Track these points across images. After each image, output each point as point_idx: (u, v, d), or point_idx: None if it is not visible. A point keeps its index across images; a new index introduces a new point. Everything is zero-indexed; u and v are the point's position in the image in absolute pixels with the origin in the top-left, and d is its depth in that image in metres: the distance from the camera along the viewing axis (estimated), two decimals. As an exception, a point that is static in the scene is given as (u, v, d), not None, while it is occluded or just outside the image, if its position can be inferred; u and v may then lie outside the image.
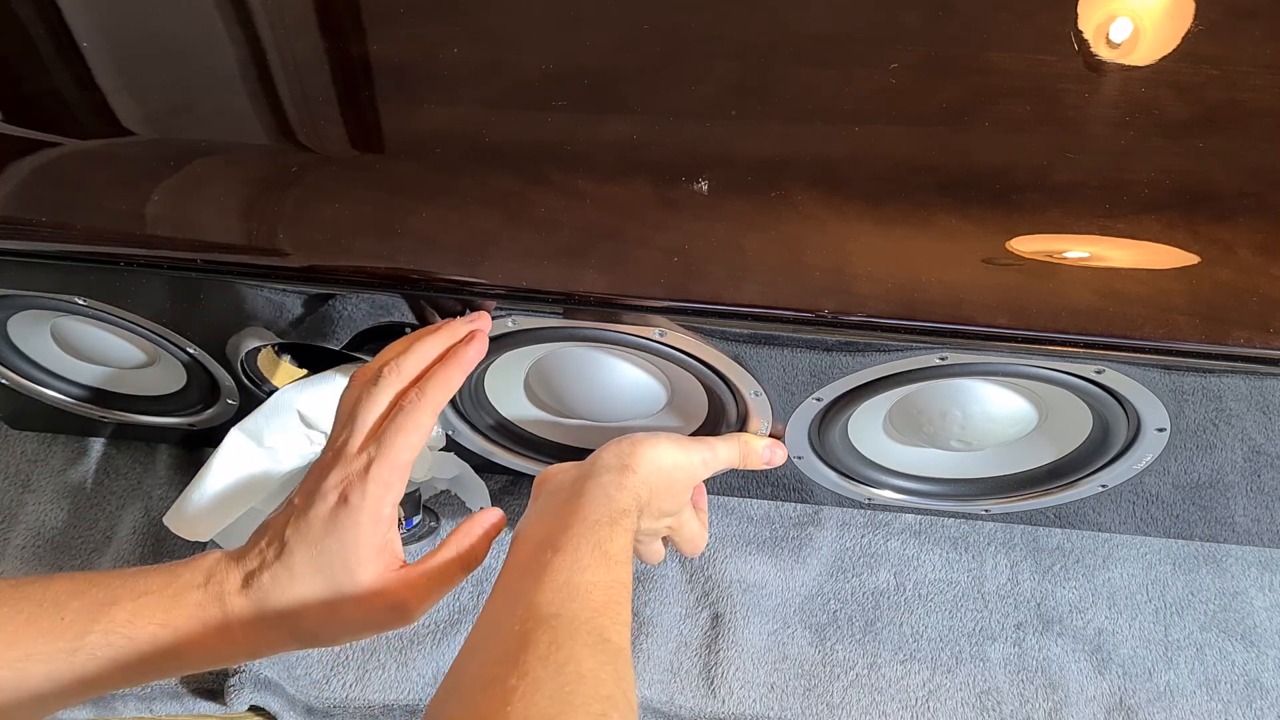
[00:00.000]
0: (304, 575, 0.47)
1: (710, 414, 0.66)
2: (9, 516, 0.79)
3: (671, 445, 0.58)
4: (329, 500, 0.48)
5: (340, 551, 0.47)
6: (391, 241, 0.56)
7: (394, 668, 0.71)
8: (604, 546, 0.48)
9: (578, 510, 0.50)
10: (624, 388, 0.64)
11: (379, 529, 0.48)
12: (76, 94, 0.66)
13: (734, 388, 0.61)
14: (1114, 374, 0.55)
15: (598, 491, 0.52)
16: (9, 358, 0.72)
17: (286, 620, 0.47)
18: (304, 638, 0.49)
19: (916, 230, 0.55)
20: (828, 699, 0.69)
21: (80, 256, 0.58)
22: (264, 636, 0.48)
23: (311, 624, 0.48)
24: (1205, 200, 0.55)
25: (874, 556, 0.76)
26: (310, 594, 0.47)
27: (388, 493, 0.48)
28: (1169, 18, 0.66)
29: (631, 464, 0.55)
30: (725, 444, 0.62)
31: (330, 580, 0.47)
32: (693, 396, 0.65)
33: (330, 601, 0.48)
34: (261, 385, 0.68)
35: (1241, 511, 0.70)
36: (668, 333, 0.56)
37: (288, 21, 0.69)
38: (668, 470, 0.57)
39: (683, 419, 0.67)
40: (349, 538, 0.47)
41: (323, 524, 0.48)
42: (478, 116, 0.62)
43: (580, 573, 0.46)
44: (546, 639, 0.42)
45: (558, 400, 0.66)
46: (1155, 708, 0.69)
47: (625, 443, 0.57)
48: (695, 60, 0.65)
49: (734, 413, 0.63)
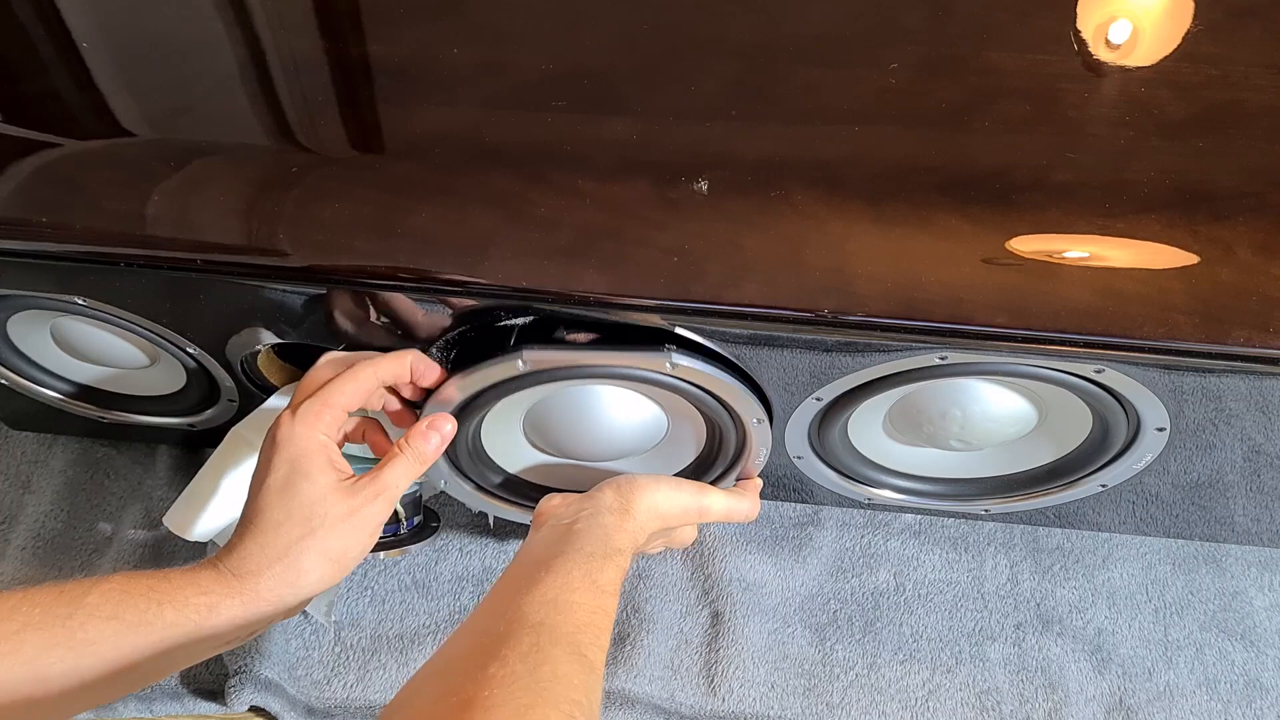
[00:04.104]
0: (275, 514, 0.49)
1: (709, 444, 0.65)
2: (9, 517, 0.79)
3: (669, 490, 0.60)
4: (268, 440, 0.52)
5: (291, 481, 0.50)
6: (391, 241, 0.56)
7: (394, 668, 0.71)
8: (594, 576, 0.50)
9: (575, 540, 0.53)
10: (623, 424, 0.63)
11: (315, 447, 0.51)
12: (76, 94, 0.66)
13: (736, 416, 0.60)
14: (1114, 374, 0.55)
15: (597, 530, 0.54)
16: (9, 358, 0.72)
17: (275, 565, 0.49)
18: (302, 570, 0.50)
19: (916, 230, 0.55)
20: (828, 699, 0.69)
21: (80, 256, 0.58)
22: (256, 586, 0.49)
23: (299, 552, 0.49)
24: (1205, 200, 0.55)
25: (874, 556, 0.76)
26: (279, 521, 0.50)
27: (317, 421, 0.51)
28: (1169, 18, 0.66)
29: (631, 508, 0.57)
30: (720, 496, 0.63)
31: (291, 511, 0.50)
32: (692, 428, 0.64)
33: (300, 532, 0.49)
34: (261, 385, 0.68)
35: (1241, 511, 0.70)
36: (677, 365, 0.56)
37: (288, 22, 0.69)
38: (662, 514, 0.59)
39: (681, 450, 0.66)
40: (298, 461, 0.50)
41: (265, 461, 0.51)
42: (477, 116, 0.62)
43: (569, 592, 0.48)
44: (529, 640, 0.44)
45: (556, 442, 0.65)
46: (1155, 708, 0.69)
47: (626, 484, 0.59)
48: (695, 60, 0.65)
49: (733, 442, 0.63)
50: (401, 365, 0.56)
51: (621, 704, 0.69)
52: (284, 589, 0.49)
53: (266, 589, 0.49)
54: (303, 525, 0.49)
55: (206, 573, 0.49)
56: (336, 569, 0.51)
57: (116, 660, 0.46)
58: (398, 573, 0.75)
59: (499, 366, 0.56)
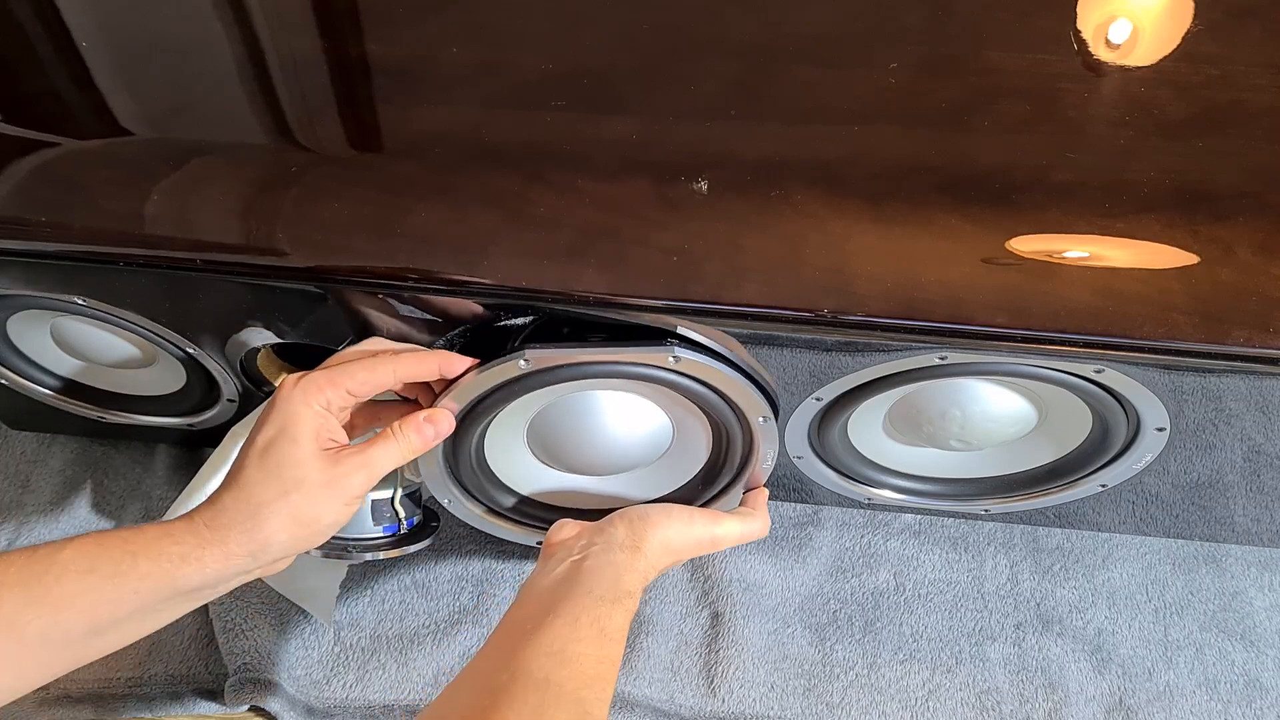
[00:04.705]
0: (253, 473, 0.49)
1: (715, 450, 0.64)
2: (9, 516, 0.79)
3: (681, 525, 0.59)
4: (268, 401, 0.52)
5: (276, 442, 0.50)
6: (391, 241, 0.56)
7: (394, 668, 0.71)
8: (602, 623, 0.50)
9: (584, 581, 0.53)
10: (628, 434, 0.62)
11: (308, 415, 0.50)
12: (76, 94, 0.66)
13: (741, 414, 0.59)
14: (1114, 374, 0.55)
15: (607, 569, 0.54)
16: (9, 358, 0.72)
17: (246, 522, 0.49)
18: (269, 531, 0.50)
19: (916, 230, 0.55)
20: (827, 699, 0.69)
21: (80, 256, 0.58)
22: (226, 540, 0.49)
23: (270, 513, 0.49)
24: (1205, 200, 0.55)
25: (874, 556, 0.76)
26: (257, 480, 0.50)
27: (318, 393, 0.51)
28: (1169, 18, 0.66)
29: (643, 545, 0.57)
30: (732, 523, 0.62)
31: (269, 471, 0.49)
32: (697, 435, 0.63)
33: (275, 492, 0.49)
34: (261, 385, 0.68)
35: (1241, 511, 0.70)
36: (681, 359, 0.55)
37: (287, 22, 0.69)
38: (675, 550, 0.59)
39: (688, 460, 0.65)
40: (287, 424, 0.50)
41: (260, 421, 0.51)
42: (477, 116, 0.62)
43: (576, 643, 0.48)
44: (534, 700, 0.44)
45: (561, 454, 0.63)
46: (1155, 708, 0.69)
47: (638, 519, 0.58)
48: (695, 60, 0.65)
49: (740, 444, 0.62)
50: (425, 367, 0.55)
51: (621, 707, 0.69)
52: (253, 545, 0.49)
53: (236, 544, 0.49)
54: (278, 486, 0.49)
55: (181, 525, 0.49)
56: (306, 534, 0.50)
57: (94, 614, 0.47)
58: (398, 573, 0.75)
59: (501, 367, 0.55)
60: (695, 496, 0.65)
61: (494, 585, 0.75)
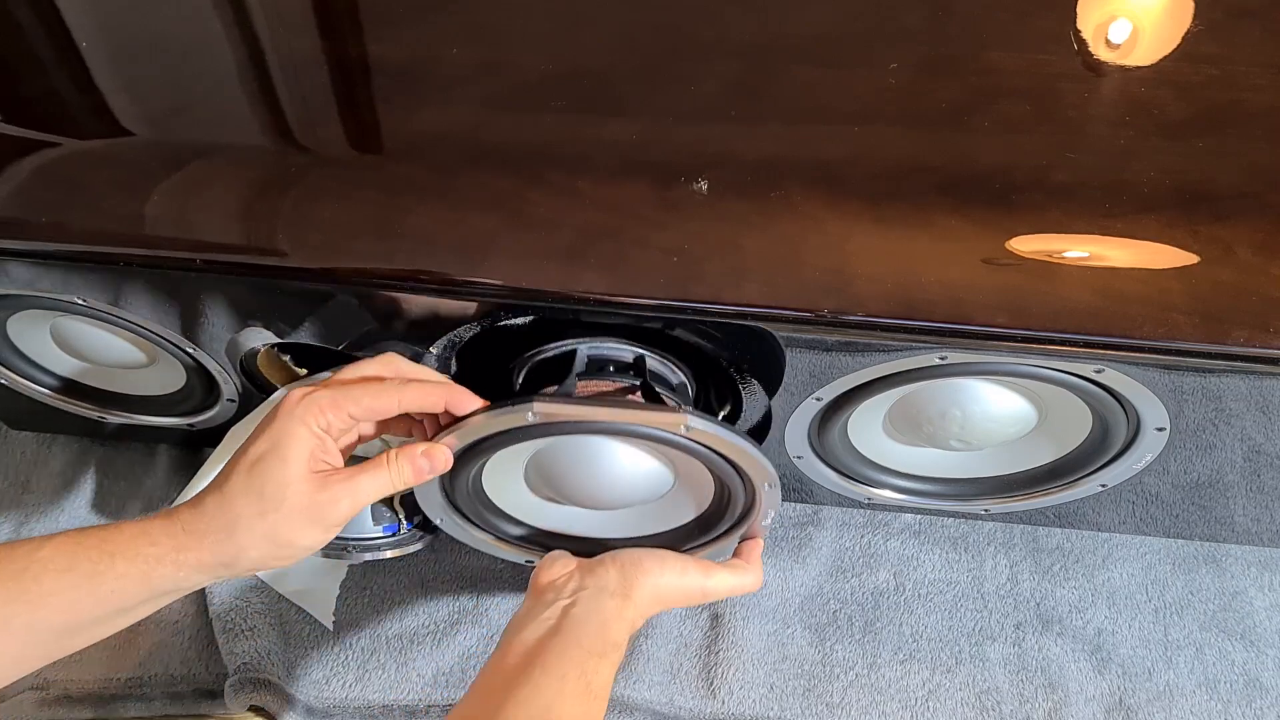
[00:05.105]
0: (238, 483, 0.49)
1: (716, 500, 0.62)
2: (9, 516, 0.79)
3: (674, 574, 0.59)
4: (271, 409, 0.51)
5: (265, 457, 0.49)
6: (391, 242, 0.56)
7: (394, 668, 0.71)
8: (589, 678, 0.50)
9: (572, 629, 0.52)
10: (629, 476, 0.60)
11: (303, 435, 0.49)
12: (76, 94, 0.66)
13: (748, 479, 0.58)
14: (1114, 374, 0.55)
15: (595, 617, 0.54)
16: (9, 358, 0.72)
17: (220, 534, 0.48)
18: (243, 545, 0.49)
19: (916, 230, 0.55)
20: (827, 699, 0.69)
21: (80, 256, 0.58)
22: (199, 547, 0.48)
23: (246, 527, 0.48)
24: (1205, 200, 0.55)
25: (874, 556, 0.76)
26: (240, 492, 0.49)
27: (320, 415, 0.50)
28: (1169, 18, 0.66)
29: (632, 592, 0.56)
30: (724, 575, 0.61)
31: (252, 486, 0.49)
32: (700, 483, 0.61)
33: (254, 510, 0.49)
34: (261, 385, 0.68)
35: (1241, 511, 0.70)
36: (693, 429, 0.53)
37: (287, 22, 0.69)
38: (664, 598, 0.59)
39: (687, 504, 0.63)
40: (280, 441, 0.49)
41: (257, 430, 0.50)
42: (477, 117, 0.62)
43: (562, 701, 0.48)
44: None
45: (558, 487, 0.61)
46: (1155, 707, 0.69)
47: (630, 565, 0.58)
48: (695, 60, 0.65)
49: (742, 503, 0.60)
50: (431, 400, 0.53)
51: (620, 711, 0.69)
52: (225, 556, 0.49)
53: (209, 552, 0.48)
54: (259, 503, 0.48)
55: (160, 523, 0.49)
56: (279, 554, 0.50)
57: (71, 612, 0.47)
58: (397, 573, 0.75)
59: (509, 415, 0.53)
60: (690, 539, 0.63)
61: (493, 585, 0.75)
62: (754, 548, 0.63)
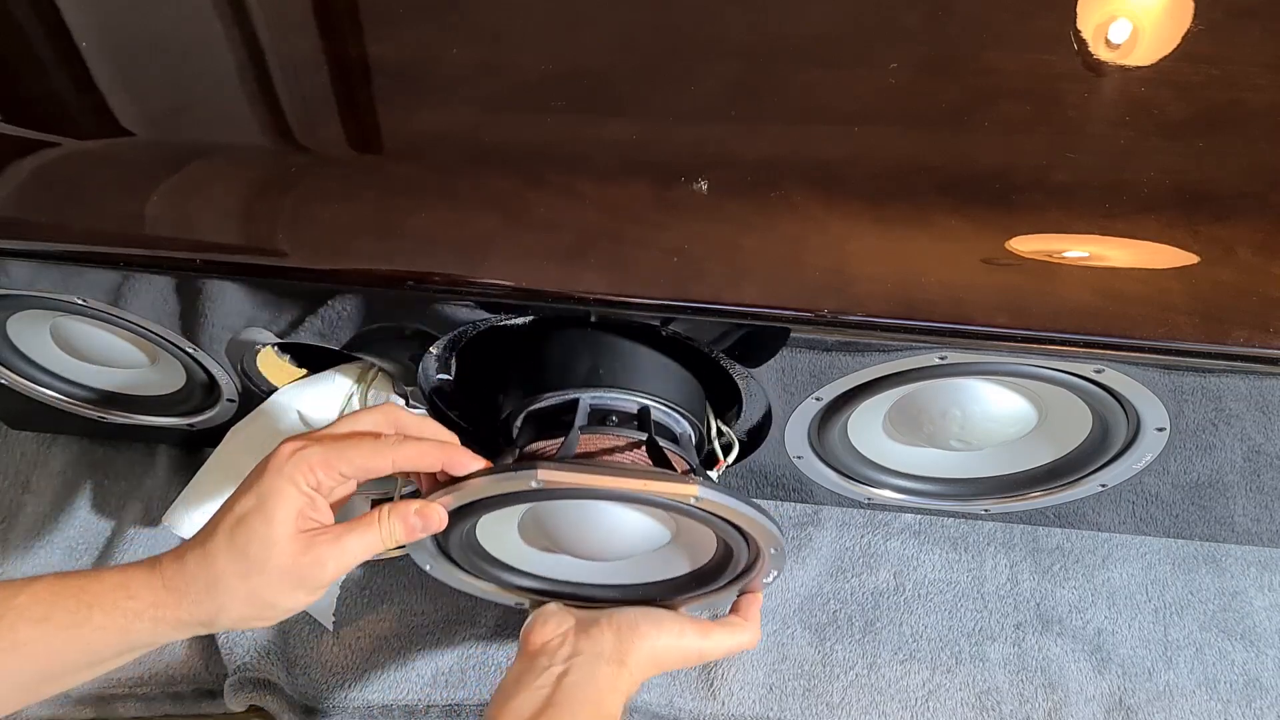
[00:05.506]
0: (221, 541, 0.48)
1: (718, 556, 0.60)
2: (9, 517, 0.79)
3: (671, 637, 0.58)
4: (261, 462, 0.50)
5: (250, 516, 0.48)
6: (391, 242, 0.56)
7: (394, 668, 0.71)
8: None
9: (567, 704, 0.52)
10: (627, 530, 0.58)
11: (291, 494, 0.48)
12: (76, 94, 0.66)
13: (753, 543, 0.57)
14: (1114, 374, 0.55)
15: (590, 687, 0.53)
16: (9, 358, 0.72)
17: (199, 592, 0.48)
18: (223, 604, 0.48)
19: (916, 230, 0.55)
20: (827, 699, 0.69)
21: (80, 256, 0.58)
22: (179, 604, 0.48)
23: (226, 588, 0.48)
24: (1205, 200, 0.55)
25: (874, 556, 0.76)
26: (223, 551, 0.48)
27: (310, 473, 0.49)
28: (1168, 18, 0.66)
29: (627, 659, 0.56)
30: (722, 635, 0.60)
31: (236, 544, 0.48)
32: (701, 539, 0.60)
33: (236, 570, 0.48)
34: (261, 385, 0.68)
35: (1241, 511, 0.70)
36: (702, 499, 0.52)
37: (287, 22, 0.69)
38: (661, 662, 0.58)
39: (686, 557, 0.62)
40: (267, 499, 0.48)
41: (246, 483, 0.49)
42: (477, 117, 0.62)
43: None
44: None
45: (553, 538, 0.60)
46: (1155, 707, 0.69)
47: (627, 629, 0.57)
48: (695, 60, 0.65)
49: (743, 561, 0.59)
50: (427, 460, 0.52)
51: (620, 711, 0.69)
52: (204, 615, 0.48)
53: (188, 610, 0.47)
54: (242, 564, 0.47)
55: (141, 575, 0.48)
56: (260, 615, 0.49)
57: (46, 661, 0.46)
58: (397, 573, 0.75)
59: (510, 480, 0.52)
60: (686, 590, 0.62)
61: (494, 585, 0.75)
62: (752, 603, 0.63)
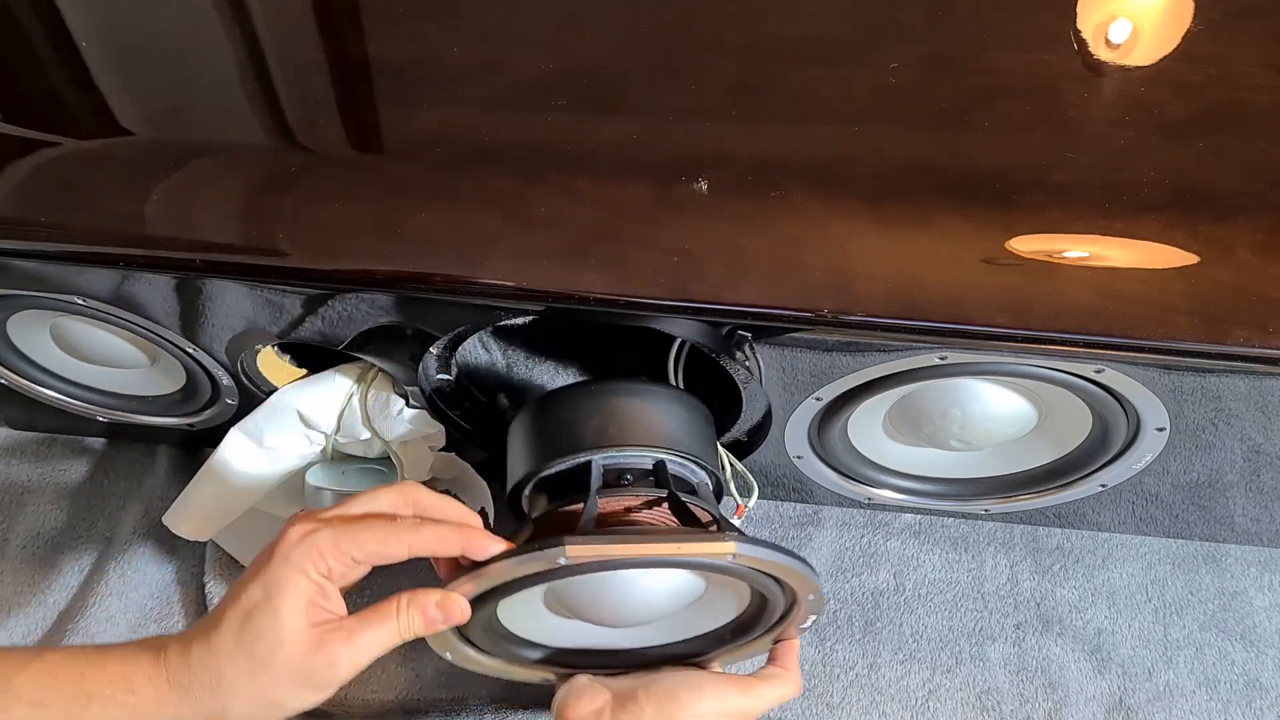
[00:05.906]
0: (227, 636, 0.45)
1: (752, 607, 0.58)
2: (9, 516, 0.79)
3: (713, 699, 0.54)
4: (269, 545, 0.47)
5: (257, 611, 0.45)
6: (391, 242, 0.56)
7: (394, 668, 0.71)
8: None
9: None
10: (658, 595, 0.55)
11: (300, 586, 0.46)
12: (76, 94, 0.66)
13: (789, 590, 0.54)
14: (1114, 373, 0.55)
15: None
16: (9, 358, 0.72)
17: (203, 691, 0.45)
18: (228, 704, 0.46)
19: (916, 230, 0.55)
20: (828, 699, 0.69)
21: (80, 256, 0.58)
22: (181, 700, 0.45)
23: (231, 687, 0.45)
24: (1205, 200, 0.55)
25: (874, 556, 0.76)
26: (228, 648, 0.45)
27: (320, 560, 0.46)
28: (1168, 18, 0.66)
29: None
30: (765, 690, 0.56)
31: (242, 642, 0.45)
32: (734, 591, 0.57)
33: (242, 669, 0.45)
34: (261, 385, 0.68)
35: (1241, 511, 0.70)
36: (741, 555, 0.49)
37: (287, 22, 0.69)
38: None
39: (718, 611, 0.58)
40: (273, 592, 0.46)
41: (252, 568, 0.47)
42: (477, 117, 0.62)
43: None
44: None
45: (583, 615, 0.56)
46: (1155, 707, 0.69)
47: (667, 700, 0.54)
48: (695, 60, 0.65)
49: (779, 610, 0.56)
50: (446, 545, 0.49)
51: (621, 705, 0.69)
52: (208, 711, 0.45)
53: (189, 708, 0.45)
54: (247, 663, 0.45)
55: (144, 667, 0.45)
56: (266, 715, 0.46)
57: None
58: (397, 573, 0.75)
59: (534, 561, 0.48)
60: (720, 645, 0.59)
61: (494, 585, 0.75)
62: (790, 650, 0.59)
